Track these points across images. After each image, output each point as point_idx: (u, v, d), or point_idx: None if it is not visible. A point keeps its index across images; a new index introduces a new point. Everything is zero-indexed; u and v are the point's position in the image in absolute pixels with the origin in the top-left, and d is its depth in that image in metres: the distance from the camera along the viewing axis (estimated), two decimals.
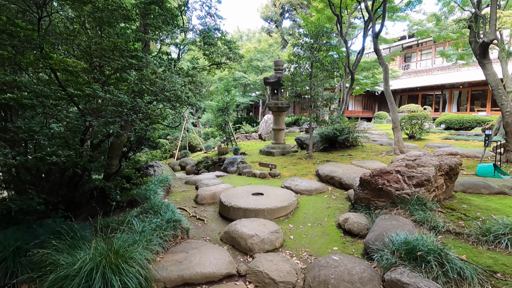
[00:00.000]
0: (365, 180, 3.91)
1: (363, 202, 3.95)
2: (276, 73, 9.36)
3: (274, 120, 9.88)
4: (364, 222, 3.63)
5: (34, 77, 4.33)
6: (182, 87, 3.68)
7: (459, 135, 10.25)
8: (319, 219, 4.25)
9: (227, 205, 4.45)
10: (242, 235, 3.51)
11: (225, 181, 6.68)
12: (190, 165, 10.41)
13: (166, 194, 5.78)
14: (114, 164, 5.10)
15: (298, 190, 5.35)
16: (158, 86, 3.54)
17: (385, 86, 7.82)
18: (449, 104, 22.98)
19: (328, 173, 5.76)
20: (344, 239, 3.61)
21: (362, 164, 6.53)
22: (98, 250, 2.62)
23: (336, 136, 8.51)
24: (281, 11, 27.13)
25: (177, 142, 13.88)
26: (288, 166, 7.59)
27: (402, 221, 3.23)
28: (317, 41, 7.59)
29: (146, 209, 4.32)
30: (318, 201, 4.94)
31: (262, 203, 4.44)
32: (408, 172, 3.61)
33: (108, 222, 4.07)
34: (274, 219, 4.27)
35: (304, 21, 11.84)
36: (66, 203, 5.00)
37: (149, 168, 6.44)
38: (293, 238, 3.74)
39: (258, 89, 19.82)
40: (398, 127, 7.53)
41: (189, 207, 5.14)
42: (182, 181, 7.16)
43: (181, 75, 4.05)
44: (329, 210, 4.53)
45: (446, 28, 12.83)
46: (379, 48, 7.90)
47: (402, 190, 3.55)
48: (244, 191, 5.09)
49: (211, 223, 4.38)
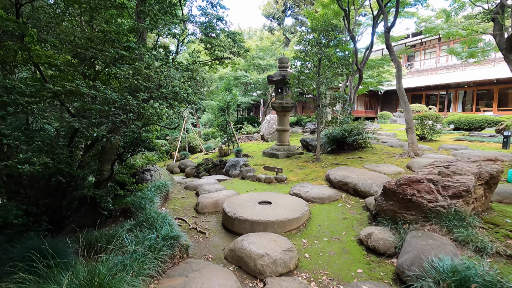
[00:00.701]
0: (390, 189, 3.42)
1: (388, 214, 3.47)
2: (281, 71, 8.87)
3: (278, 120, 9.39)
4: (390, 238, 3.14)
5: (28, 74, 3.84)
6: (181, 83, 3.19)
7: (472, 136, 9.77)
8: (335, 232, 3.76)
9: (231, 216, 3.97)
10: (251, 255, 3.02)
11: (227, 186, 6.19)
12: (190, 168, 9.92)
13: (163, 202, 5.30)
14: (106, 169, 4.61)
15: (308, 197, 4.86)
16: (153, 81, 3.04)
17: (397, 84, 7.34)
18: (454, 104, 22.50)
19: (341, 179, 5.27)
20: (368, 258, 3.12)
21: (376, 168, 6.04)
22: (77, 283, 2.12)
23: (344, 138, 8.03)
24: (283, 8, 26.60)
25: (176, 143, 13.39)
26: (295, 169, 7.10)
27: (439, 239, 2.75)
28: (325, 36, 7.11)
29: (141, 221, 3.83)
30: (332, 210, 4.45)
31: (271, 214, 3.95)
32: (442, 181, 3.13)
33: (97, 237, 3.59)
34: (285, 232, 3.79)
35: (309, 17, 11.35)
36: (52, 213, 4.51)
37: (146, 172, 5.95)
38: (308, 256, 3.26)
39: (260, 89, 19.32)
40: (412, 128, 7.04)
41: (188, 216, 4.65)
42: (181, 186, 6.67)
43: (180, 69, 3.57)
44: (346, 221, 4.04)
45: (456, 25, 12.35)
46: (391, 43, 7.41)
47: (436, 202, 3.06)
48: (250, 199, 4.61)
49: (214, 237, 3.89)
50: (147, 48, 3.22)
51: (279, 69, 9.12)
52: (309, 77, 7.19)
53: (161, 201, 5.14)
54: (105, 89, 2.71)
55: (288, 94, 8.79)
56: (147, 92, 2.82)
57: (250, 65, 17.63)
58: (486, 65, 21.39)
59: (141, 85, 2.82)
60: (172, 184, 6.16)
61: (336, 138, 8.16)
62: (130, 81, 2.79)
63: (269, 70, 17.70)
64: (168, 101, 2.96)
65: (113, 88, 3.39)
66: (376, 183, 4.83)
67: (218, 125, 11.55)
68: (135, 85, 2.92)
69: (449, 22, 12.19)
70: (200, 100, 3.60)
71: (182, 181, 7.80)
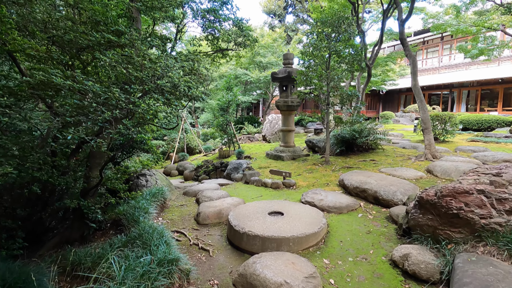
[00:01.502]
0: (429, 201, 2.89)
1: (425, 231, 2.93)
2: (286, 68, 8.33)
3: (283, 120, 8.84)
4: (434, 262, 2.61)
5: None
6: (180, 74, 2.64)
7: (486, 136, 9.28)
8: (361, 250, 3.23)
9: (239, 231, 3.41)
10: (266, 283, 2.47)
11: (230, 192, 5.64)
12: (189, 170, 9.36)
13: (160, 211, 4.73)
14: (94, 175, 4.05)
15: (324, 207, 4.32)
16: (147, 72, 2.49)
17: (413, 81, 6.83)
18: (458, 104, 22.11)
19: (358, 185, 4.74)
20: (407, 286, 2.58)
21: (394, 172, 5.51)
22: None
23: (354, 138, 7.51)
24: (284, 5, 26.00)
25: (174, 144, 12.81)
26: (303, 173, 6.56)
27: (501, 267, 2.22)
28: (336, 30, 6.57)
29: (133, 237, 3.27)
30: (352, 222, 3.91)
31: (285, 228, 3.41)
32: (496, 192, 2.60)
33: (80, 258, 3.02)
34: (302, 250, 3.25)
35: (315, 11, 10.82)
36: (32, 226, 3.94)
37: (141, 177, 5.39)
38: (334, 283, 2.71)
39: (261, 88, 18.75)
40: (429, 128, 6.53)
41: (188, 229, 4.10)
42: (179, 191, 6.11)
43: (179, 60, 3.01)
44: (371, 236, 3.50)
45: (465, 21, 11.90)
46: (405, 37, 6.90)
47: (490, 218, 2.53)
48: (258, 209, 4.06)
49: (219, 255, 3.34)
50: (140, 33, 2.68)
51: (284, 66, 8.58)
52: (317, 73, 6.65)
53: (157, 210, 4.58)
54: (85, 79, 2.15)
55: (295, 92, 8.25)
56: (138, 84, 2.27)
57: (251, 63, 17.06)
58: (491, 64, 21.00)
59: (131, 76, 2.26)
60: (170, 190, 5.60)
61: (346, 139, 7.64)
62: (118, 70, 2.24)
63: (270, 68, 17.14)
64: (165, 95, 2.42)
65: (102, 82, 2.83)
66: (400, 191, 4.30)
67: (218, 125, 10.99)
68: (124, 76, 2.36)
69: (459, 18, 11.72)
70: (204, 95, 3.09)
71: (180, 185, 7.24)
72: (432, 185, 3.70)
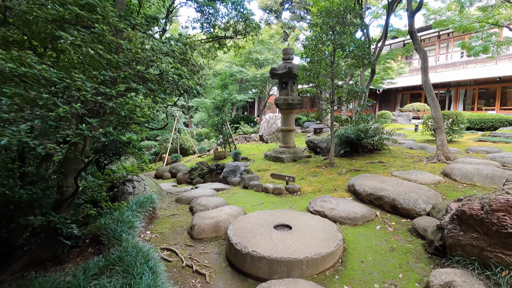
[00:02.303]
0: (473, 215, 2.38)
1: (469, 252, 2.42)
2: (286, 63, 7.79)
3: (282, 119, 8.31)
4: None
5: None
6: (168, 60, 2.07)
7: (494, 136, 8.91)
8: (388, 273, 2.70)
9: (241, 251, 2.86)
10: None
11: (228, 199, 5.08)
12: (182, 173, 8.74)
13: (148, 223, 4.14)
14: (70, 184, 3.44)
15: (336, 217, 3.79)
16: (124, 55, 1.91)
17: (423, 77, 6.37)
18: (455, 103, 21.92)
19: (372, 191, 4.22)
20: None
21: (409, 176, 5.02)
22: None
23: (360, 139, 7.02)
24: (281, 1, 25.41)
25: (167, 145, 12.16)
26: (307, 177, 6.03)
27: None
28: (342, 20, 6.06)
29: (113, 261, 2.68)
30: (371, 236, 3.39)
31: (295, 247, 2.86)
32: None
33: None
34: (317, 274, 2.71)
35: (315, 4, 10.30)
36: None
37: (127, 183, 4.78)
38: None
39: (256, 86, 18.18)
40: (441, 127, 6.07)
41: (181, 245, 3.52)
42: (171, 198, 5.53)
43: (168, 44, 2.44)
44: (397, 255, 2.98)
45: (468, 17, 11.55)
46: (415, 30, 6.44)
47: None
48: (262, 221, 3.51)
49: (217, 281, 2.78)
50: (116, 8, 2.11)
51: (283, 61, 8.04)
52: (322, 67, 6.13)
53: (145, 222, 3.99)
54: (37, 62, 1.56)
55: (297, 89, 7.72)
56: (110, 68, 1.70)
57: (247, 60, 16.47)
58: (488, 63, 20.86)
59: (102, 59, 1.69)
60: (161, 197, 5.01)
61: (350, 139, 7.14)
62: (84, 52, 1.67)
63: (267, 65, 16.58)
64: (148, 85, 1.85)
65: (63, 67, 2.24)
66: (422, 198, 3.80)
67: (213, 125, 10.39)
68: (93, 60, 1.78)
69: (462, 14, 11.35)
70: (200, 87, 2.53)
71: (173, 190, 6.64)
72: (468, 195, 3.20)
